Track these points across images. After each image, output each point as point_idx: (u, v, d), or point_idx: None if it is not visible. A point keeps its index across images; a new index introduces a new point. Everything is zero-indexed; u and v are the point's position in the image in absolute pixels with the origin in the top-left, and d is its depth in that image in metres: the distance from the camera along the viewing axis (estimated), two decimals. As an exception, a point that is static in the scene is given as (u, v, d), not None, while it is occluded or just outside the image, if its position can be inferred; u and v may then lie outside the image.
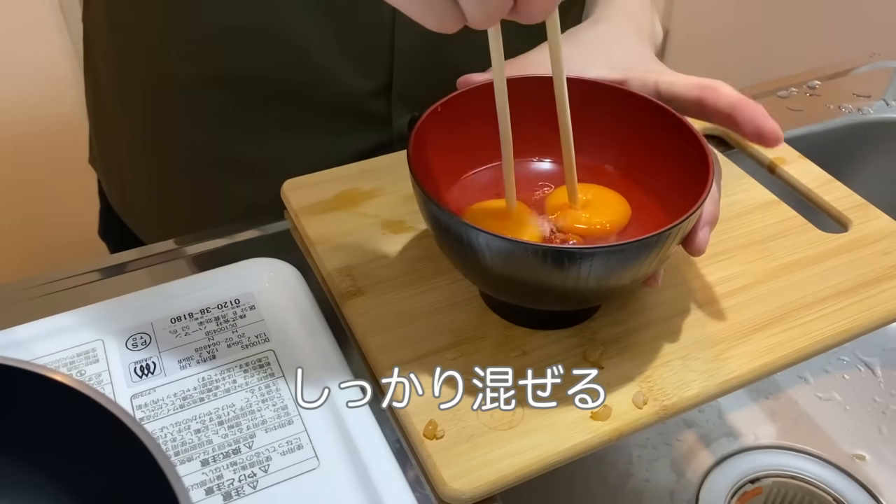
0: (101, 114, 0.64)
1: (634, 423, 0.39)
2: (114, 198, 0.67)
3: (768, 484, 0.57)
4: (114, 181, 0.67)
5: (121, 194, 0.66)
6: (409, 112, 0.58)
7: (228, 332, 0.44)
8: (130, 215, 0.67)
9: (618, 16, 0.51)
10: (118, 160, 0.65)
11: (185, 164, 0.60)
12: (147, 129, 0.60)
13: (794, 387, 0.62)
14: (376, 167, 0.54)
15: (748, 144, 0.59)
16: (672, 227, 0.36)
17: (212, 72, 0.55)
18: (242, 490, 0.37)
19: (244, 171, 0.59)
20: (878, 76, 0.73)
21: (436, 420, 0.39)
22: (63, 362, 0.42)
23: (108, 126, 0.64)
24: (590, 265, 0.36)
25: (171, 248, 0.52)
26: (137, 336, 0.44)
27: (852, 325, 0.45)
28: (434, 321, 0.44)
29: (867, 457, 0.58)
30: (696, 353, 0.43)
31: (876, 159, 0.69)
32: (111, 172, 0.67)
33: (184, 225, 0.60)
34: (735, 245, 0.50)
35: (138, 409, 0.40)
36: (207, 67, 0.55)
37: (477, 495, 0.37)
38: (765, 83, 0.71)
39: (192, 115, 0.58)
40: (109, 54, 0.59)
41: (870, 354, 0.63)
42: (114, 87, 0.61)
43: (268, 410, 0.40)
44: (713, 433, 0.59)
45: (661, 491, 0.55)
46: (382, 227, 0.50)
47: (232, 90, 0.55)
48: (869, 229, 0.51)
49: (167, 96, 0.58)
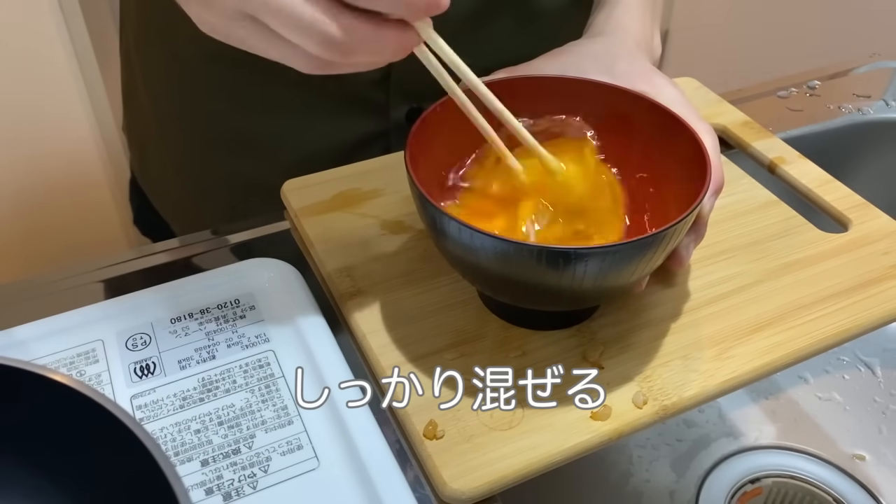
0: (130, 85, 0.69)
1: (634, 423, 0.39)
2: (135, 163, 0.73)
3: (768, 484, 0.57)
4: (136, 147, 0.72)
5: (140, 160, 0.72)
6: (407, 103, 0.59)
7: (228, 333, 0.44)
8: (147, 179, 0.72)
9: (617, 31, 0.51)
10: (142, 127, 0.69)
11: (191, 137, 0.63)
12: (162, 102, 0.64)
13: (795, 387, 0.62)
14: (376, 168, 0.55)
15: (748, 144, 0.59)
16: (667, 228, 0.36)
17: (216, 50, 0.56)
18: (242, 490, 0.37)
19: (246, 148, 0.61)
20: (878, 76, 0.73)
21: (436, 420, 0.39)
22: (63, 362, 0.42)
23: (135, 96, 0.68)
24: (585, 265, 0.36)
25: (172, 248, 0.52)
26: (137, 336, 0.44)
27: (852, 325, 0.45)
28: (434, 321, 0.44)
29: (867, 457, 0.58)
30: (696, 352, 0.43)
31: (876, 159, 0.69)
32: (135, 139, 0.72)
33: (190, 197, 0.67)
34: (735, 245, 0.50)
35: (138, 410, 0.40)
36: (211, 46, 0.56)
37: (477, 495, 0.37)
38: (765, 83, 0.71)
39: (197, 91, 0.60)
40: (136, 30, 0.63)
41: (870, 354, 0.63)
42: (139, 60, 0.64)
43: (268, 411, 0.40)
44: (713, 433, 0.59)
45: (662, 491, 0.55)
46: (382, 227, 0.50)
47: (235, 68, 0.56)
48: (869, 229, 0.51)
49: (178, 71, 0.60)
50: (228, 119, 0.61)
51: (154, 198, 0.72)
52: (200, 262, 0.51)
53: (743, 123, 0.61)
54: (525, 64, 0.49)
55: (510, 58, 0.50)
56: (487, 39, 0.57)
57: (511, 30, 0.58)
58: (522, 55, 0.50)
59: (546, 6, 0.59)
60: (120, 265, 0.50)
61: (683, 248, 0.42)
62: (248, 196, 0.63)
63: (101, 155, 1.34)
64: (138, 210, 0.75)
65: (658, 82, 0.46)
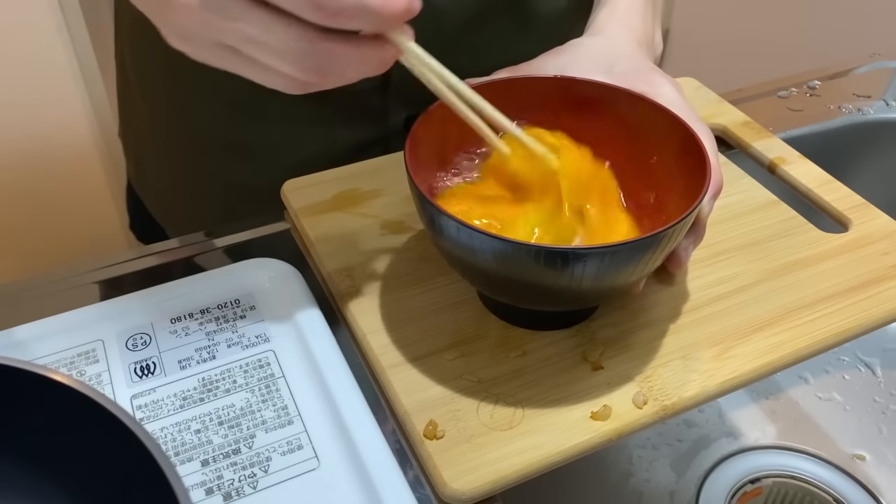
0: (125, 91, 0.68)
1: (634, 424, 0.39)
2: (131, 170, 0.73)
3: (768, 484, 0.57)
4: (132, 154, 0.72)
5: (136, 166, 0.71)
6: (405, 109, 0.59)
7: (228, 333, 0.44)
8: (143, 186, 0.71)
9: (617, 29, 0.51)
10: (137, 134, 0.68)
11: (187, 143, 0.63)
12: (158, 108, 0.64)
13: (795, 387, 0.62)
14: (376, 168, 0.55)
15: (749, 144, 0.59)
16: (666, 229, 0.36)
17: None
18: (242, 490, 0.37)
19: (242, 153, 0.61)
20: (878, 76, 0.73)
21: (436, 420, 0.39)
22: (63, 362, 0.42)
23: (131, 102, 0.68)
24: (583, 266, 0.36)
25: (172, 249, 0.52)
26: (137, 336, 0.44)
27: (852, 325, 0.45)
28: (434, 321, 0.44)
29: (867, 457, 0.58)
30: (696, 353, 0.43)
31: (876, 159, 0.69)
32: (130, 146, 0.71)
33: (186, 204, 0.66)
34: (735, 245, 0.50)
35: (138, 410, 0.40)
36: None
37: (477, 495, 0.37)
38: (765, 83, 0.71)
39: (196, 95, 0.60)
40: (131, 37, 0.63)
41: (870, 354, 0.63)
42: (134, 67, 0.64)
43: (268, 411, 0.40)
44: (713, 433, 0.59)
45: (662, 491, 0.55)
46: (382, 227, 0.50)
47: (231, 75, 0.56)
48: (869, 229, 0.51)
49: (173, 78, 0.60)
50: (224, 125, 0.60)
51: (150, 204, 0.71)
52: (200, 262, 0.51)
53: (743, 123, 0.61)
54: (525, 63, 0.49)
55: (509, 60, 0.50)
56: (486, 42, 0.57)
57: (510, 32, 0.58)
58: (521, 57, 0.50)
59: (544, 9, 0.59)
60: (120, 265, 0.50)
61: (682, 250, 0.43)
62: (245, 201, 0.63)
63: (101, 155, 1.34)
64: (134, 216, 0.75)
65: (657, 81, 0.46)
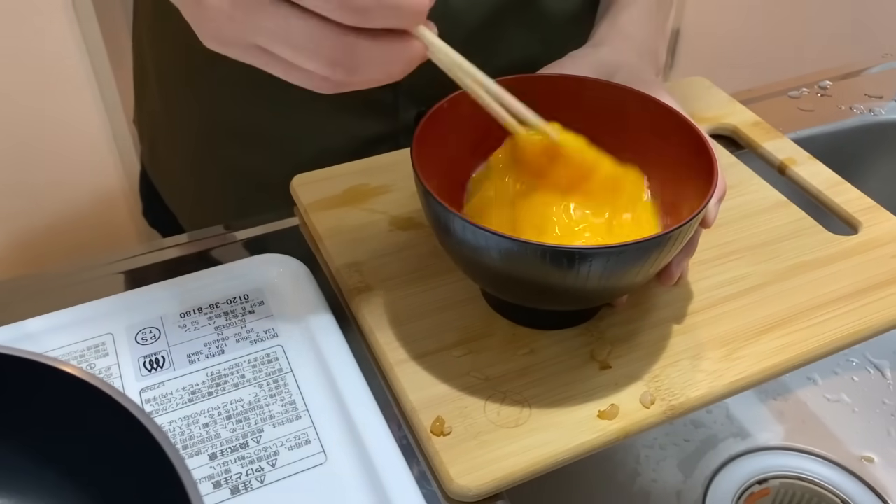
0: (141, 77, 0.69)
1: (642, 423, 0.39)
2: (145, 155, 0.74)
3: (776, 485, 0.57)
4: (146, 139, 0.73)
5: (150, 152, 0.72)
6: (415, 106, 0.59)
7: (237, 328, 0.44)
8: (156, 171, 0.72)
9: (620, 40, 0.51)
10: (152, 118, 0.69)
11: (201, 130, 0.64)
12: (173, 94, 0.64)
13: (803, 388, 0.62)
14: (385, 163, 0.55)
15: (759, 144, 0.59)
16: (675, 230, 0.36)
17: None
18: (250, 484, 0.37)
19: (255, 143, 0.62)
20: (889, 76, 0.73)
21: (443, 417, 0.39)
22: (73, 356, 0.42)
23: (147, 88, 0.68)
24: (589, 265, 0.36)
25: (181, 243, 0.52)
26: (147, 330, 0.44)
27: (862, 327, 0.44)
28: (442, 318, 0.44)
29: (875, 459, 0.57)
30: (705, 353, 0.43)
31: (887, 161, 0.69)
32: (145, 132, 0.72)
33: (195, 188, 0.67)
34: (744, 246, 0.50)
35: (147, 403, 0.40)
36: None
37: (483, 492, 0.37)
38: (776, 83, 0.70)
39: (208, 84, 0.61)
40: (150, 22, 0.64)
41: (879, 356, 0.63)
42: (151, 52, 0.65)
43: (276, 405, 0.40)
44: (721, 434, 0.58)
45: (669, 491, 0.55)
46: (391, 223, 0.50)
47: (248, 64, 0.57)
48: (879, 231, 0.51)
49: (190, 64, 0.61)
50: (239, 114, 0.61)
51: (163, 189, 0.72)
52: (210, 257, 0.51)
53: (753, 124, 0.61)
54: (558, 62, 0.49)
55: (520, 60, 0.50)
56: (498, 42, 0.57)
57: (521, 32, 0.58)
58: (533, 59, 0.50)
59: (556, 10, 0.59)
60: (130, 260, 0.51)
61: (675, 265, 0.42)
62: (256, 191, 0.63)
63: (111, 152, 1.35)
64: (147, 202, 0.76)
65: (655, 92, 0.46)
